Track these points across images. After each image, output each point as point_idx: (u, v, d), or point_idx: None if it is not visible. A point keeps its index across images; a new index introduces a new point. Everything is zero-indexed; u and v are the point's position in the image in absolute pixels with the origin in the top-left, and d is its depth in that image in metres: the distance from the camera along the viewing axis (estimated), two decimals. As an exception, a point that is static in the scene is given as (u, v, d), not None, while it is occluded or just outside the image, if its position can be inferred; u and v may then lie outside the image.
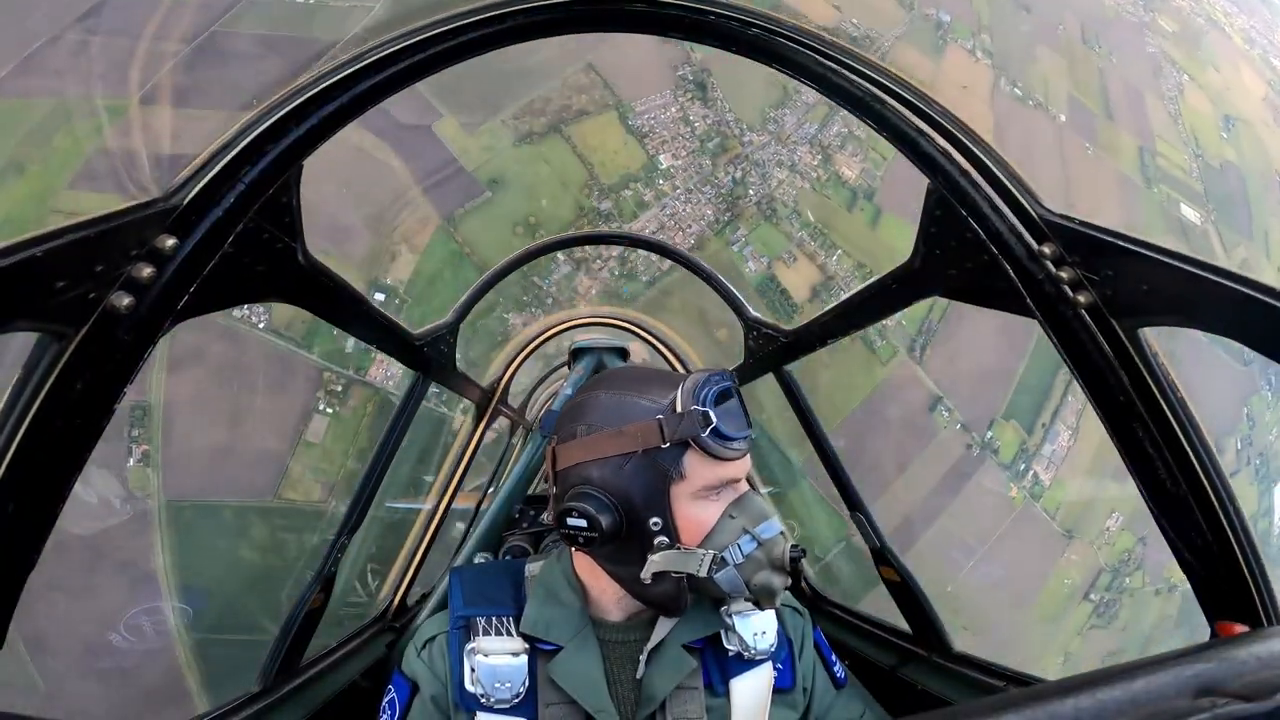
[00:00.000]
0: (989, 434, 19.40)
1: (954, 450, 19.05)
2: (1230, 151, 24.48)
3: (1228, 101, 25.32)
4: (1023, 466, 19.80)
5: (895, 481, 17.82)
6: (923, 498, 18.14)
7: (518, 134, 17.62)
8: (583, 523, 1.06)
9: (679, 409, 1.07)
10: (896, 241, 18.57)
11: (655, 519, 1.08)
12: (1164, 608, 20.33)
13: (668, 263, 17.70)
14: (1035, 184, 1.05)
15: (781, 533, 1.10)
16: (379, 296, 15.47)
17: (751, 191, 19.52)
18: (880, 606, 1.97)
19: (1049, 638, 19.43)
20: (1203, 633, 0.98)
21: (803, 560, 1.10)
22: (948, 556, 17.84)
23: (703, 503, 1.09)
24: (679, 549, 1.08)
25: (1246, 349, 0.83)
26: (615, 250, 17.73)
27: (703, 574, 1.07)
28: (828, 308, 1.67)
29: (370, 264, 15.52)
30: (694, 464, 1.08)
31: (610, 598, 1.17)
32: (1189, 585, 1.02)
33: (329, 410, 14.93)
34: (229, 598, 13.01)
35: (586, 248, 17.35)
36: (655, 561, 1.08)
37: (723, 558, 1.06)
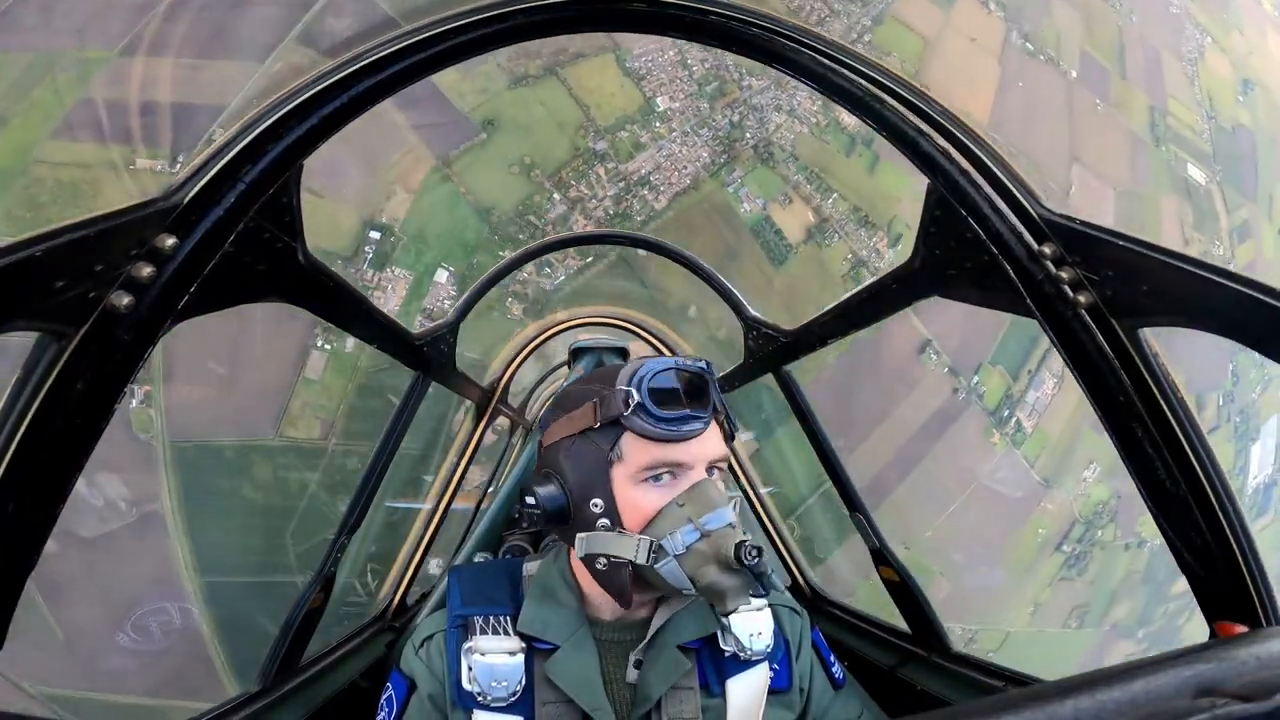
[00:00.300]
0: (975, 379, 19.40)
1: (940, 394, 19.07)
2: (1245, 115, 24.25)
3: (1249, 65, 24.95)
4: (1006, 413, 19.78)
5: (882, 423, 17.88)
6: (909, 439, 18.21)
7: (513, 76, 17.51)
8: (532, 501, 1.10)
9: (615, 389, 1.09)
10: (893, 189, 18.71)
11: (596, 500, 1.09)
12: (1132, 563, 20.41)
13: (662, 202, 17.85)
14: (1038, 153, 1.03)
15: (732, 524, 1.05)
16: (374, 235, 15.49)
17: (749, 135, 19.46)
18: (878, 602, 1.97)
19: (1021, 587, 19.66)
20: (1165, 591, 0.97)
21: (762, 558, 1.02)
22: (929, 499, 17.98)
23: (645, 487, 1.08)
24: (618, 532, 1.08)
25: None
26: (610, 190, 17.73)
27: (640, 561, 1.06)
28: (827, 308, 1.67)
29: (365, 204, 15.45)
30: (631, 445, 1.08)
31: (599, 593, 1.17)
32: (1160, 542, 1.02)
33: (327, 346, 14.87)
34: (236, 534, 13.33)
35: (583, 188, 17.27)
36: (583, 540, 1.09)
37: (662, 546, 1.05)
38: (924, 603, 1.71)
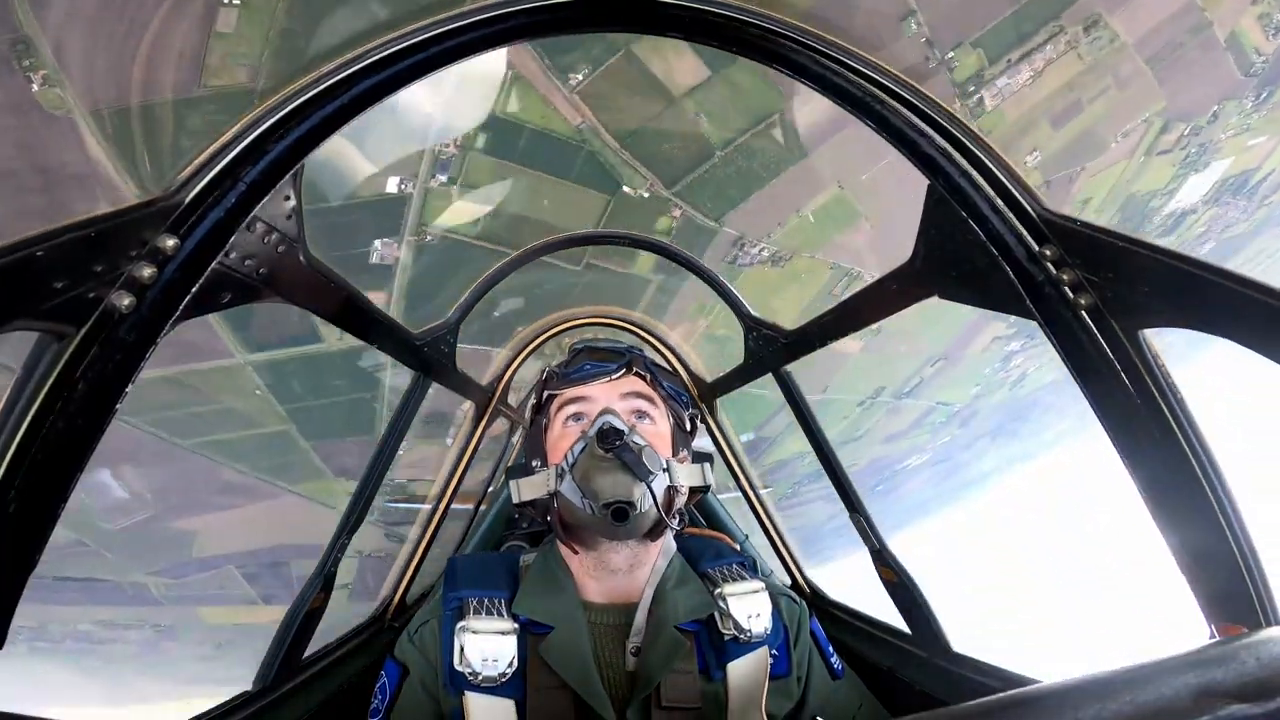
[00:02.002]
0: (950, 54, 17.71)
1: (910, 58, 17.98)
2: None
3: None
4: (971, 89, 18.21)
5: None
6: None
7: None
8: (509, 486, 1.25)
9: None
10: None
11: (537, 461, 1.24)
12: None
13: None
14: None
15: (607, 421, 1.14)
16: None
17: None
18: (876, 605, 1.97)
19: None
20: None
21: (625, 439, 1.11)
22: (870, 150, 17.10)
23: (563, 428, 1.23)
24: (538, 470, 1.22)
25: (1257, 57, 0.77)
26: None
27: (552, 487, 1.16)
28: (827, 309, 1.67)
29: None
30: (554, 405, 1.26)
31: (585, 576, 1.20)
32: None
33: (235, 1, 12.96)
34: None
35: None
36: (515, 487, 1.21)
37: (563, 468, 1.16)
38: (923, 603, 1.71)
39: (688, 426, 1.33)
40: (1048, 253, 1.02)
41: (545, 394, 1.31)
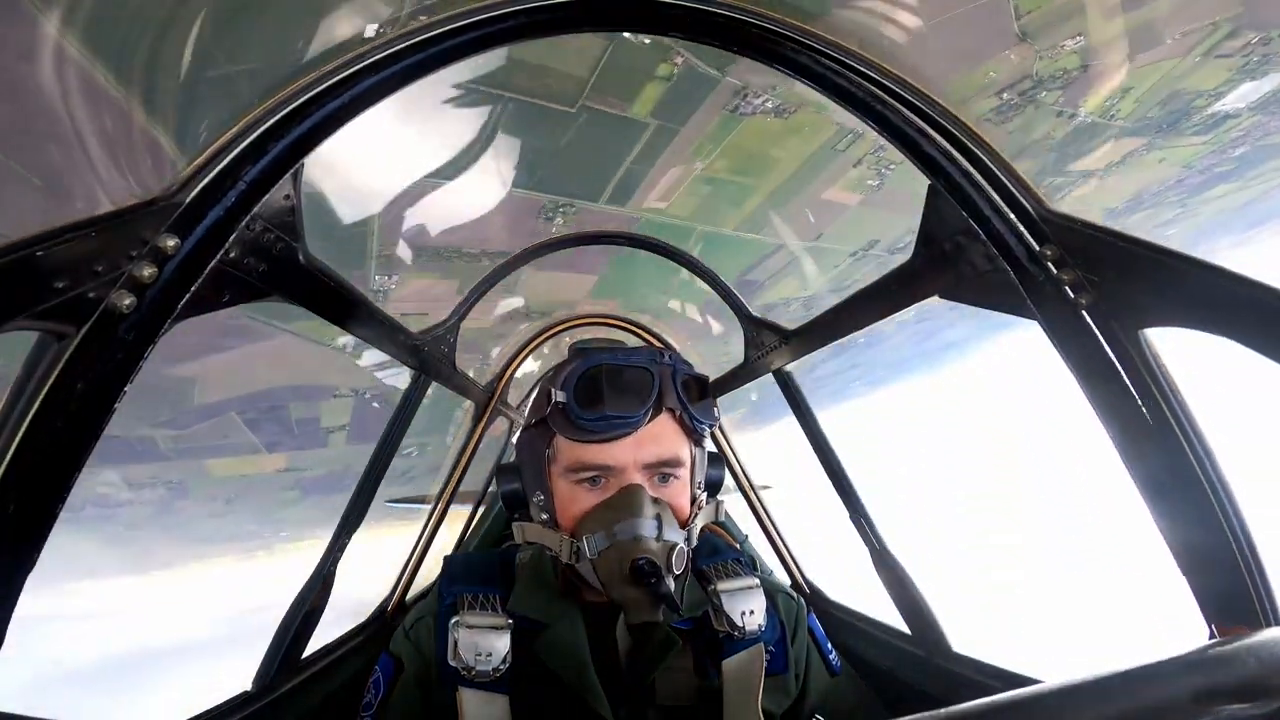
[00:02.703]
0: None
1: None
2: None
3: None
4: None
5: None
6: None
7: None
8: (498, 488, 1.20)
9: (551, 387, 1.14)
10: None
11: (539, 494, 1.15)
12: (1053, 129, 19.51)
13: None
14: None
15: (638, 537, 1.02)
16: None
17: None
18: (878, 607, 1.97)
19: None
20: (1065, 166, 0.96)
21: (661, 580, 1.01)
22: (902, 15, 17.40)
23: (576, 488, 1.11)
24: (549, 527, 1.14)
25: None
26: None
27: (565, 559, 1.10)
28: (828, 308, 1.67)
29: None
30: (561, 445, 1.12)
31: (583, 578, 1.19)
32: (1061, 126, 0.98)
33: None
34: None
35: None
36: (519, 528, 1.16)
37: (580, 548, 1.08)
38: (923, 603, 1.71)
39: (706, 445, 1.27)
40: (1048, 253, 1.02)
41: (543, 417, 1.15)
